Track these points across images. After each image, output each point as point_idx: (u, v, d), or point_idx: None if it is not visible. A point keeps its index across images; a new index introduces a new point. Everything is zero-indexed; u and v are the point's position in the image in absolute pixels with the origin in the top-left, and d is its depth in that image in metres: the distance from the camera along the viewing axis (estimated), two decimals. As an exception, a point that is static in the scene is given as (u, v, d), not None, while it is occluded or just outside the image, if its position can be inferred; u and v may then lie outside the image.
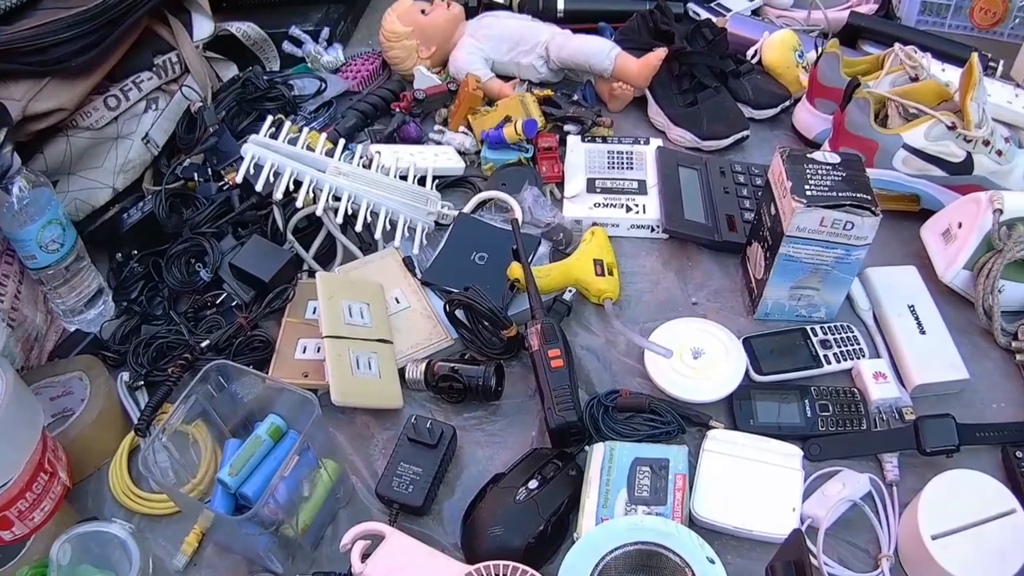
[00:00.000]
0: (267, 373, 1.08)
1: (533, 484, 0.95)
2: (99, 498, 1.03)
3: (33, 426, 0.91)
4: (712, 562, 0.87)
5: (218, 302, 1.18)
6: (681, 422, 1.04)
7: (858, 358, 1.12)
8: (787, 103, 1.53)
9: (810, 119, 1.47)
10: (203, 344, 1.09)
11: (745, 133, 1.47)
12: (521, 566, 0.86)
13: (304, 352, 1.10)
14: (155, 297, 1.20)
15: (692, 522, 0.96)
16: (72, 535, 0.91)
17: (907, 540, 0.95)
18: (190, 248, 1.21)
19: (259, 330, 1.14)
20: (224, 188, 1.27)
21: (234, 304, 1.18)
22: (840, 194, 1.03)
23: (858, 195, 1.03)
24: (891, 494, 1.00)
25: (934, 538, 0.91)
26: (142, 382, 1.10)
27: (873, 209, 1.03)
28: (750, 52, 1.58)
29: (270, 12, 1.59)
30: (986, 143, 1.24)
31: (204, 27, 1.42)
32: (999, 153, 1.26)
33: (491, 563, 0.86)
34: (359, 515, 0.98)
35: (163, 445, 0.92)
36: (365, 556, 0.89)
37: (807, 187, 1.04)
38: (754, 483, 0.98)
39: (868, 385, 1.08)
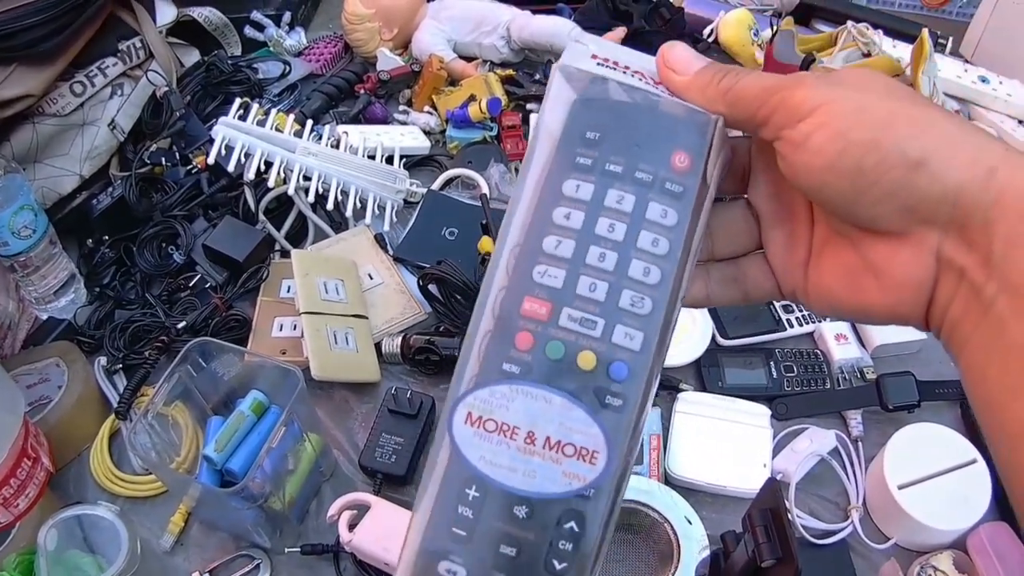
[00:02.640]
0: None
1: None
2: (81, 483, 1.03)
3: (13, 412, 0.91)
4: (690, 523, 0.90)
5: (192, 284, 1.19)
6: (652, 385, 1.07)
7: (819, 321, 1.15)
8: None
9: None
10: (179, 326, 1.10)
11: (703, 109, 1.49)
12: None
13: (281, 330, 1.11)
14: (128, 282, 1.20)
15: (668, 480, 0.99)
16: (58, 520, 0.91)
17: (874, 491, 0.99)
18: (162, 232, 1.22)
19: (234, 310, 1.14)
20: (193, 171, 1.27)
21: (208, 285, 1.18)
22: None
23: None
24: (856, 449, 1.04)
25: (900, 488, 0.95)
26: (120, 366, 1.11)
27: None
28: (706, 31, 1.60)
29: (231, -3, 1.59)
30: (937, 114, 1.28)
31: (167, 12, 1.41)
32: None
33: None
34: (343, 488, 1.00)
35: (148, 424, 0.92)
36: (352, 526, 0.91)
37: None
38: (725, 442, 1.01)
39: (830, 346, 1.12)
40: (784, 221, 0.45)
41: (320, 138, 1.27)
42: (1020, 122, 1.46)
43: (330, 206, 1.20)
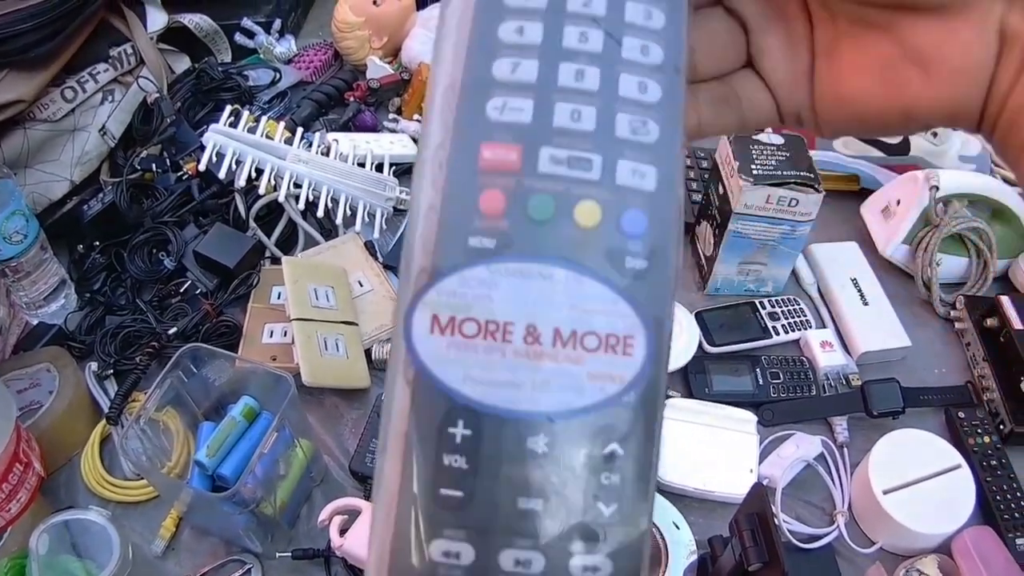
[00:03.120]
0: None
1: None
2: (72, 488, 1.03)
3: (5, 417, 0.91)
4: (678, 527, 0.91)
5: (182, 290, 1.19)
6: (640, 392, 1.08)
7: (805, 329, 1.17)
8: None
9: (753, 103, 1.51)
10: (170, 332, 1.10)
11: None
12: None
13: (271, 336, 1.12)
14: (118, 287, 1.20)
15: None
16: (49, 525, 0.91)
17: (860, 496, 1.00)
18: (152, 238, 1.22)
19: (225, 316, 1.15)
20: (183, 178, 1.27)
21: (199, 292, 1.18)
22: (784, 172, 1.08)
23: (802, 173, 1.08)
24: (842, 455, 1.05)
25: (885, 493, 0.96)
26: (111, 371, 1.11)
27: (816, 186, 1.07)
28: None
29: (221, 4, 1.59)
30: (921, 124, 1.30)
31: (158, 19, 1.42)
32: (934, 134, 1.31)
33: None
34: (333, 493, 1.00)
35: (140, 429, 0.93)
36: (343, 531, 0.91)
37: (753, 167, 1.08)
38: (712, 447, 1.02)
39: (816, 353, 1.13)
40: (775, 23, 0.37)
41: (310, 145, 1.27)
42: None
43: (320, 213, 1.20)
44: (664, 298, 0.26)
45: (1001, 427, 1.08)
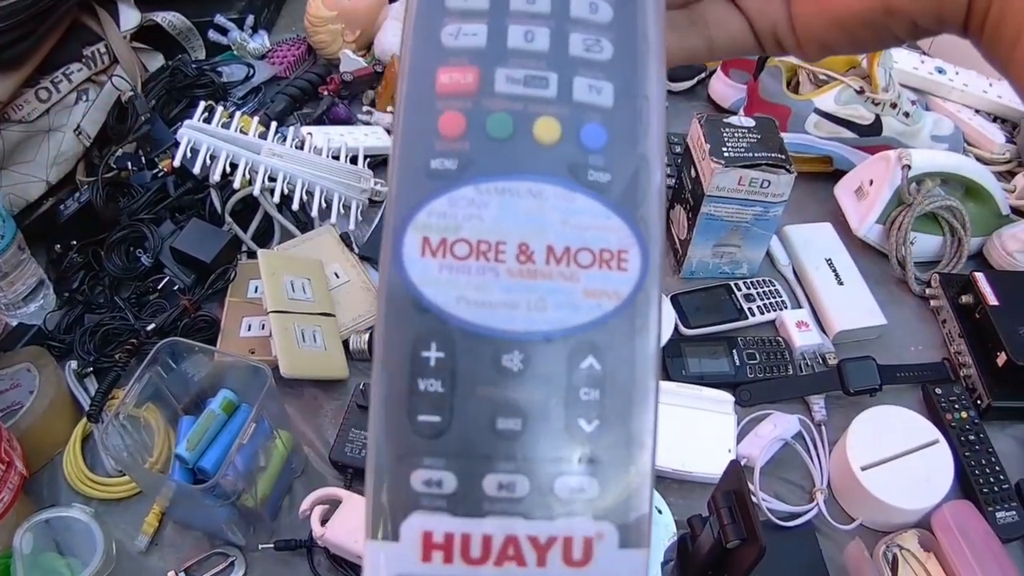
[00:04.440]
0: (215, 350, 1.09)
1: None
2: (55, 487, 1.03)
3: (-15, 417, 0.91)
4: (660, 512, 0.92)
5: (160, 287, 1.19)
6: (617, 376, 1.08)
7: (780, 309, 1.18)
8: (703, 75, 1.58)
9: (725, 89, 1.52)
10: (149, 328, 1.10)
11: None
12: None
13: (249, 330, 1.12)
14: (97, 286, 1.20)
15: (634, 468, 1.00)
16: (33, 523, 0.92)
17: (838, 473, 1.01)
18: (129, 235, 1.22)
19: (203, 311, 1.15)
20: (159, 175, 1.27)
21: (176, 288, 1.18)
22: (756, 154, 1.08)
23: (773, 154, 1.08)
24: (820, 433, 1.06)
25: (863, 469, 0.97)
26: (90, 369, 1.11)
27: (788, 167, 1.08)
28: None
29: (194, 1, 1.58)
30: (893, 105, 1.31)
31: (130, 17, 1.41)
32: (906, 115, 1.32)
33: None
34: (314, 484, 1.00)
35: (120, 425, 0.93)
36: (324, 521, 0.91)
37: (724, 149, 1.09)
38: (690, 428, 1.02)
39: (792, 333, 1.14)
40: None
41: (285, 139, 1.27)
42: (976, 111, 1.49)
43: (295, 206, 1.21)
44: (652, 208, 0.26)
45: (978, 402, 1.09)
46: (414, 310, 0.25)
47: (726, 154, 1.08)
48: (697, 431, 1.03)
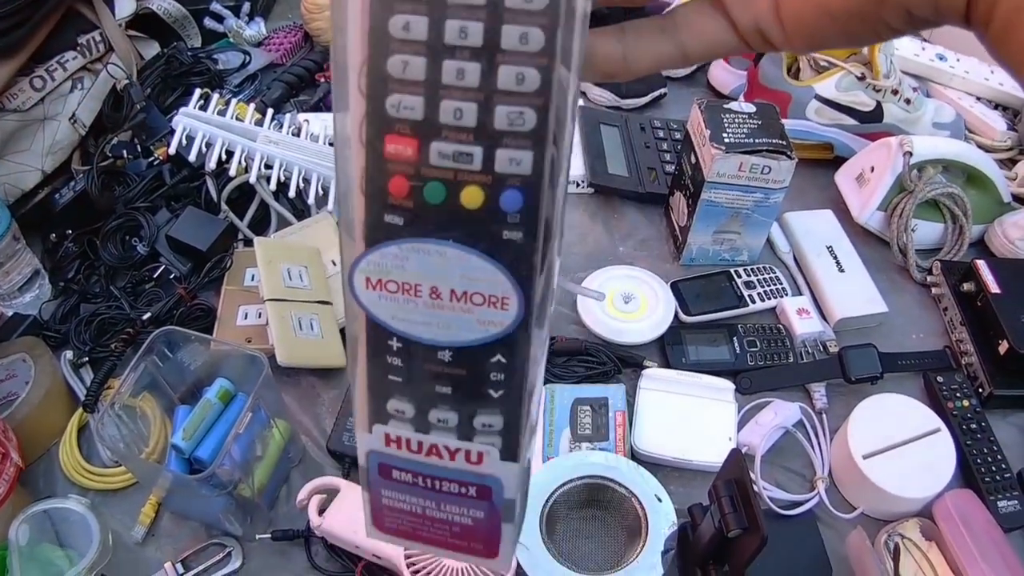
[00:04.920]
0: (211, 338, 1.09)
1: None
2: (51, 478, 1.02)
3: (-20, 407, 0.90)
4: (660, 500, 0.91)
5: (156, 275, 1.18)
6: (616, 362, 1.08)
7: (781, 297, 1.17)
8: (659, 91, 1.55)
9: (725, 75, 1.51)
10: (145, 317, 1.09)
11: (663, 91, 1.50)
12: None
13: (245, 318, 1.11)
14: (92, 275, 1.19)
15: (634, 456, 1.00)
16: (29, 514, 0.92)
17: (839, 462, 1.01)
18: (125, 224, 1.21)
19: (199, 300, 1.14)
20: (154, 163, 1.27)
21: (172, 276, 1.18)
22: (757, 140, 1.08)
23: (774, 140, 1.08)
24: (821, 421, 1.06)
25: (865, 457, 0.96)
26: (86, 359, 1.10)
27: (788, 153, 1.07)
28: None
29: (189, -12, 1.59)
30: (895, 92, 1.30)
31: (126, 5, 1.40)
32: (907, 101, 1.32)
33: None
34: (312, 473, 1.00)
35: (116, 415, 0.92)
36: (322, 510, 0.91)
37: (725, 135, 1.08)
38: (690, 416, 1.02)
39: (792, 321, 1.14)
40: None
41: (281, 127, 1.26)
42: (977, 99, 1.48)
43: (292, 194, 1.20)
44: (536, 263, 0.33)
45: (980, 390, 1.08)
46: (372, 322, 0.36)
47: (727, 140, 1.08)
48: (697, 419, 1.02)
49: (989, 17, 0.31)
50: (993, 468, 1.01)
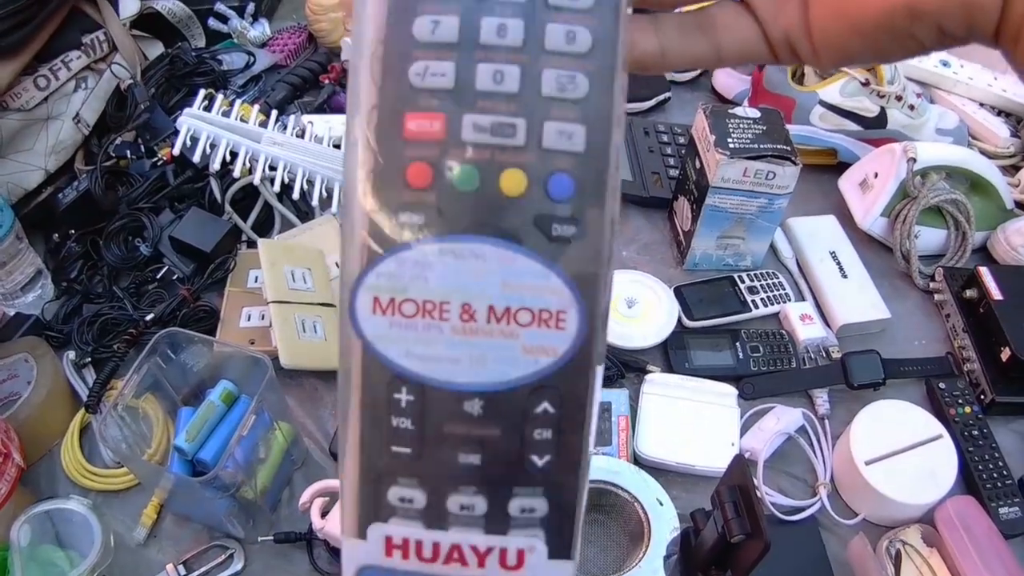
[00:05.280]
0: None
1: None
2: (53, 479, 1.02)
3: (-18, 407, 0.90)
4: (661, 504, 0.91)
5: (159, 276, 1.18)
6: (620, 366, 1.08)
7: (784, 302, 1.17)
8: (664, 95, 1.53)
9: (729, 80, 1.51)
10: (148, 318, 1.09)
11: (667, 95, 1.50)
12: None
13: (249, 320, 1.12)
14: (95, 275, 1.19)
15: (637, 460, 1.00)
16: (30, 515, 0.92)
17: (842, 467, 1.01)
18: (128, 224, 1.21)
19: (202, 301, 1.14)
20: (158, 164, 1.26)
21: (175, 277, 1.18)
22: (761, 145, 1.08)
23: (778, 146, 1.08)
24: (823, 427, 1.06)
25: (867, 463, 0.97)
26: (89, 359, 1.10)
27: (793, 159, 1.07)
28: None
29: (194, -11, 1.59)
30: (898, 98, 1.30)
31: (130, 4, 1.40)
32: (911, 108, 1.32)
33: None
34: (314, 476, 1.00)
35: (119, 416, 0.92)
36: (324, 513, 0.91)
37: (730, 140, 1.08)
38: (693, 421, 1.02)
39: (795, 326, 1.14)
40: None
41: (285, 128, 1.26)
42: (981, 105, 1.48)
43: (296, 195, 1.20)
44: (600, 264, 0.27)
45: (982, 397, 1.08)
46: (374, 363, 0.27)
47: (731, 145, 1.08)
48: (700, 424, 1.02)
49: (1018, 35, 0.30)
50: (995, 475, 1.01)
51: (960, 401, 1.06)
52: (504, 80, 0.26)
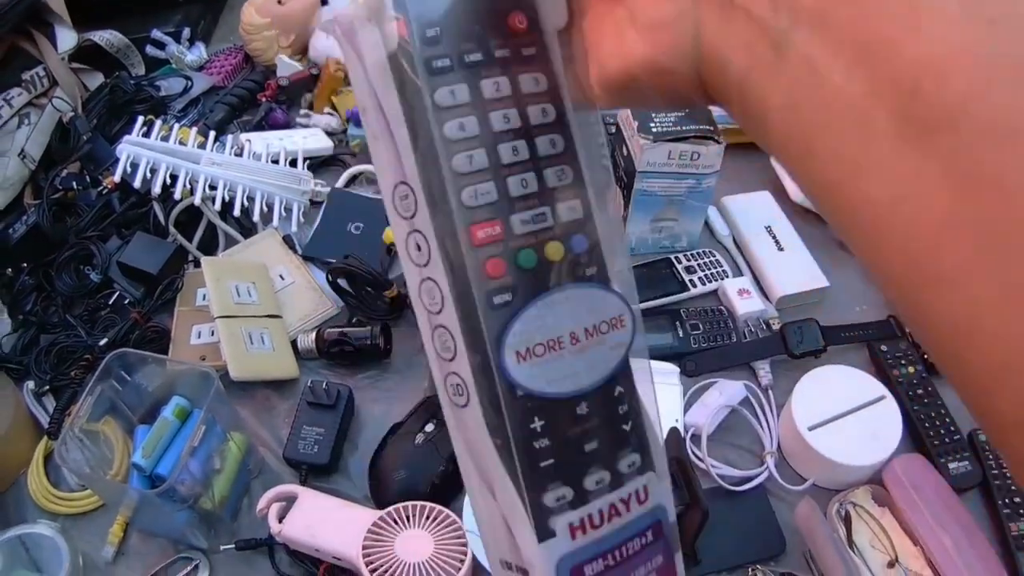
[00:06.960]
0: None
1: (430, 428, 1.00)
2: (21, 507, 1.04)
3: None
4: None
5: (111, 302, 1.20)
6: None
7: (722, 279, 1.20)
8: None
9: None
10: (101, 343, 1.11)
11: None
12: (428, 503, 0.91)
13: (199, 337, 1.14)
14: (50, 306, 1.21)
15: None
16: (2, 540, 0.93)
17: (787, 435, 1.03)
18: (77, 254, 1.23)
19: (153, 323, 1.16)
20: (103, 192, 1.28)
21: (127, 301, 1.20)
22: (684, 128, 1.10)
23: (701, 127, 1.10)
24: (767, 397, 1.08)
25: (810, 429, 0.98)
26: (47, 388, 1.12)
27: (716, 138, 1.10)
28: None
29: (130, 18, 1.59)
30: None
31: (67, 39, 1.42)
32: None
33: (400, 505, 0.91)
34: (272, 483, 1.01)
35: (76, 437, 0.94)
36: (281, 517, 0.93)
37: (652, 125, 1.11)
38: (635, 401, 1.04)
39: (734, 302, 1.16)
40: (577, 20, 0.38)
41: (224, 148, 1.29)
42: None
43: (237, 212, 1.22)
44: (626, 283, 0.38)
45: (926, 356, 1.09)
46: (519, 399, 0.36)
47: (654, 129, 1.10)
48: (643, 403, 1.04)
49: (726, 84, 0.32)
50: (942, 431, 1.02)
51: (903, 362, 1.08)
52: (528, 185, 0.36)
